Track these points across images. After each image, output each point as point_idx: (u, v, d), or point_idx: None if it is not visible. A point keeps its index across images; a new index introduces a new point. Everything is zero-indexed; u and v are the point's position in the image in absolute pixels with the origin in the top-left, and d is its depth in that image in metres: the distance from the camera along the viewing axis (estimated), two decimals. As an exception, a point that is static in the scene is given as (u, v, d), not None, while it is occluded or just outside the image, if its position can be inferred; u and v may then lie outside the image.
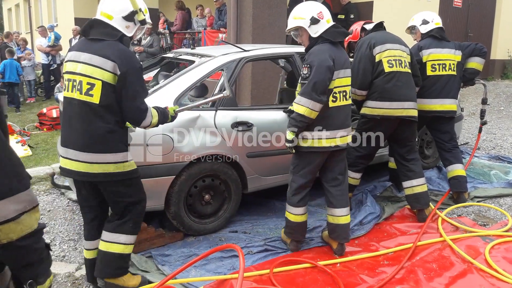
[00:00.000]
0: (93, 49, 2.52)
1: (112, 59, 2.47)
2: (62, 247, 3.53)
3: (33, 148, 6.45)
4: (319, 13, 3.13)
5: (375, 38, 3.76)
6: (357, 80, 3.69)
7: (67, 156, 2.59)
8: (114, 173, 2.58)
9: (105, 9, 2.59)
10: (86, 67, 2.50)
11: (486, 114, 5.14)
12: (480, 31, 11.76)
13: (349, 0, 8.94)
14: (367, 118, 3.80)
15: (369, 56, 3.70)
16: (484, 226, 3.90)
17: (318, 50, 3.09)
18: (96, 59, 2.49)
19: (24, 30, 21.07)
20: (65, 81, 2.62)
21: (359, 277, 3.04)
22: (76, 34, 11.58)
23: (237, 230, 3.74)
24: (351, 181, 3.98)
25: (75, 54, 2.58)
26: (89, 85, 2.49)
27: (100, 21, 2.59)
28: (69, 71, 2.59)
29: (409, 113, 3.73)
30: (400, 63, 3.71)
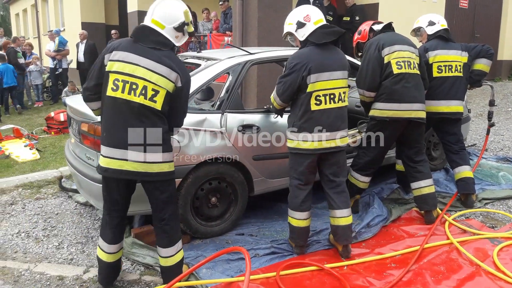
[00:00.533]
0: (155, 56, 2.58)
1: (176, 70, 2.60)
2: (70, 250, 3.55)
3: (41, 151, 6.50)
4: (305, 16, 3.20)
5: (384, 39, 3.74)
6: (365, 82, 3.70)
7: (123, 157, 2.60)
8: (168, 172, 2.73)
9: (157, 18, 2.65)
10: (151, 74, 2.56)
11: (493, 116, 5.10)
12: (487, 31, 11.70)
13: (354, 2, 8.93)
14: (376, 120, 3.79)
15: (377, 57, 3.68)
16: (493, 228, 3.87)
17: (297, 55, 3.21)
18: (161, 68, 2.57)
19: (31, 35, 21.27)
20: (116, 81, 2.57)
21: (366, 279, 3.03)
22: (83, 39, 11.72)
23: (243, 233, 3.74)
24: (360, 185, 3.99)
25: (132, 57, 2.58)
26: (153, 92, 2.57)
27: (152, 29, 2.64)
28: (124, 73, 2.57)
29: (418, 115, 3.72)
30: (409, 64, 3.70)
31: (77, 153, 3.72)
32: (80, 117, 3.52)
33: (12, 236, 3.80)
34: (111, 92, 2.60)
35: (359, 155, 3.98)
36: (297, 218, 3.31)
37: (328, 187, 3.34)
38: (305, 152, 3.22)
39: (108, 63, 2.62)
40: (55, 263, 3.35)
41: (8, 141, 6.87)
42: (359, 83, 3.79)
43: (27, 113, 10.19)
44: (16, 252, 3.52)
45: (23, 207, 4.43)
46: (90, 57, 11.70)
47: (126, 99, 2.57)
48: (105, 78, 2.63)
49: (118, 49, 2.62)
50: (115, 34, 11.79)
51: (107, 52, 2.64)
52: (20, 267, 3.27)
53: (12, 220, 4.13)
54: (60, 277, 3.14)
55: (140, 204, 3.20)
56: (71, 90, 9.29)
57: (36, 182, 5.10)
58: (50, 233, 3.86)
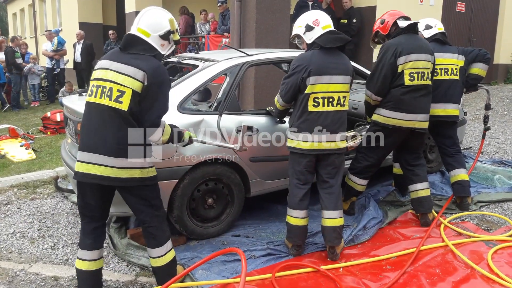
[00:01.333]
0: (125, 59, 2.60)
1: (144, 69, 2.55)
2: (65, 250, 3.54)
3: (37, 151, 6.48)
4: (314, 20, 3.31)
5: (402, 46, 3.63)
6: (375, 86, 3.68)
7: (90, 161, 2.56)
8: (139, 178, 2.63)
9: (142, 26, 2.68)
10: (118, 75, 2.56)
11: (489, 120, 5.13)
12: (484, 35, 11.77)
13: (352, 5, 8.96)
14: (379, 126, 3.78)
15: (392, 65, 3.62)
16: (488, 231, 3.89)
17: (300, 57, 3.30)
18: (128, 69, 2.55)
19: (28, 34, 21.22)
20: (92, 87, 2.63)
21: (362, 281, 3.03)
22: (80, 39, 11.70)
23: (239, 234, 3.74)
24: (358, 188, 4.01)
25: (107, 63, 2.64)
26: (119, 92, 2.54)
27: (138, 38, 2.66)
28: (98, 78, 2.62)
29: (421, 125, 3.75)
30: (423, 75, 3.66)
31: (73, 154, 3.71)
32: (77, 117, 3.51)
33: (7, 236, 3.79)
34: (88, 97, 2.66)
35: (358, 158, 3.98)
36: (295, 216, 3.34)
37: (321, 187, 3.39)
38: (302, 152, 3.30)
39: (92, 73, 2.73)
40: (50, 264, 3.34)
41: (3, 141, 6.84)
42: (369, 85, 3.76)
43: (23, 113, 10.16)
44: (11, 253, 3.51)
45: (18, 207, 4.41)
46: (87, 57, 11.69)
47: (97, 103, 2.59)
48: None
49: (104, 58, 2.71)
50: (113, 34, 11.78)
51: None
52: (15, 268, 3.26)
53: (7, 220, 4.11)
54: (55, 278, 3.13)
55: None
56: (68, 90, 9.27)
57: (31, 182, 5.08)
58: (46, 233, 3.85)
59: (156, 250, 2.79)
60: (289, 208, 3.39)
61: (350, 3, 8.94)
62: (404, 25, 3.77)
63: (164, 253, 2.81)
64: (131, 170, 2.59)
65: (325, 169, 3.34)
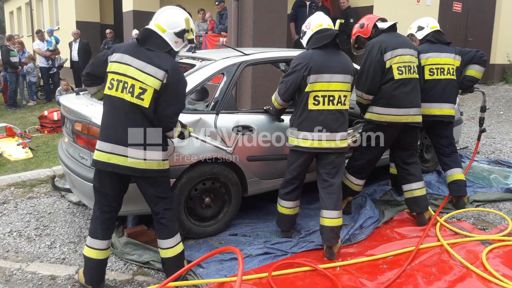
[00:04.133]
0: (146, 57, 2.73)
1: (164, 69, 2.71)
2: (62, 249, 3.54)
3: (34, 150, 6.46)
4: (307, 25, 3.47)
5: (386, 42, 3.69)
6: (365, 85, 3.71)
7: (112, 151, 2.72)
8: (157, 170, 2.82)
9: (159, 22, 2.83)
10: (139, 73, 2.71)
11: (485, 121, 5.14)
12: (480, 35, 11.81)
13: (349, 5, 8.98)
14: (374, 124, 3.80)
15: (379, 61, 3.66)
16: (484, 230, 3.91)
17: (300, 56, 3.38)
18: (149, 68, 2.70)
19: (25, 33, 21.15)
20: (112, 80, 2.75)
21: (359, 280, 3.05)
22: (77, 38, 11.67)
23: (237, 233, 3.75)
24: (355, 188, 4.02)
25: (126, 58, 2.74)
26: (141, 90, 2.70)
27: (154, 32, 2.82)
28: (119, 72, 2.73)
29: (415, 119, 3.77)
30: (409, 69, 3.71)
31: (70, 153, 3.71)
32: (74, 117, 3.52)
33: (3, 235, 3.78)
34: (108, 90, 2.78)
35: (355, 157, 4.00)
36: (282, 205, 3.59)
37: (321, 186, 3.41)
38: (300, 150, 3.35)
39: (109, 63, 2.81)
40: (47, 263, 3.34)
41: (0, 140, 6.83)
42: (358, 85, 3.78)
43: (20, 112, 10.14)
44: (7, 252, 3.51)
45: (15, 206, 4.41)
46: (84, 56, 11.66)
47: (119, 97, 2.72)
48: (106, 78, 2.82)
49: (118, 51, 2.80)
50: (110, 33, 11.76)
51: (110, 54, 2.83)
52: (12, 267, 3.26)
53: (4, 219, 4.11)
54: (52, 277, 3.13)
55: (133, 204, 3.21)
56: (65, 89, 9.25)
57: (28, 181, 5.08)
58: (43, 232, 3.85)
59: (167, 241, 2.93)
60: (279, 197, 3.61)
61: (347, 3, 8.95)
62: (385, 26, 3.86)
63: (174, 244, 2.95)
64: (149, 162, 2.77)
65: (325, 168, 3.37)
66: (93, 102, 3.64)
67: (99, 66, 2.90)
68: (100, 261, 2.89)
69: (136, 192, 3.03)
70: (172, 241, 2.94)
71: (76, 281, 3.07)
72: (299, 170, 3.45)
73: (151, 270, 3.23)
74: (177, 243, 2.97)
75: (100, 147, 2.75)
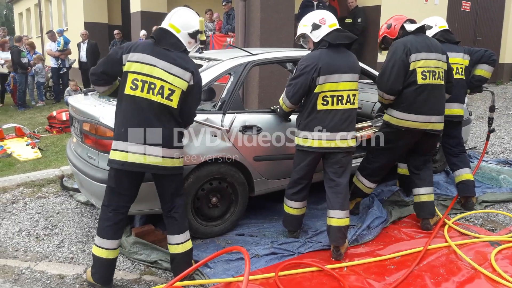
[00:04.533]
0: (170, 58, 2.79)
1: (190, 70, 2.83)
2: (70, 249, 3.57)
3: (42, 150, 6.52)
4: (321, 19, 3.34)
5: (412, 44, 3.55)
6: (387, 85, 3.58)
7: (139, 151, 2.76)
8: (179, 167, 2.94)
9: (174, 22, 2.89)
10: (167, 74, 2.77)
11: (494, 120, 5.10)
12: (489, 35, 11.71)
13: (356, 4, 8.95)
14: (392, 128, 3.71)
15: (404, 62, 3.53)
16: (492, 231, 3.88)
17: (308, 57, 3.31)
18: (176, 69, 2.79)
19: (34, 34, 21.33)
20: (135, 81, 2.75)
21: (366, 281, 3.03)
22: (85, 39, 11.75)
23: (244, 233, 3.75)
24: (366, 190, 3.98)
25: (149, 58, 2.77)
26: (169, 91, 2.78)
27: (170, 32, 2.88)
28: (143, 73, 2.76)
29: (435, 127, 3.66)
30: (434, 74, 3.57)
31: (78, 153, 3.73)
32: (82, 117, 3.54)
33: (13, 234, 3.82)
34: (130, 90, 2.77)
35: (369, 159, 3.93)
36: (288, 205, 3.57)
37: (327, 186, 3.40)
38: (309, 150, 3.35)
39: (126, 63, 2.80)
40: (56, 262, 3.37)
41: (10, 140, 6.89)
42: (380, 84, 3.65)
43: (29, 112, 10.22)
44: (17, 251, 3.54)
45: (24, 205, 4.45)
46: (92, 56, 11.74)
47: (145, 98, 2.76)
48: (123, 77, 2.82)
49: (136, 51, 2.80)
50: (118, 34, 11.83)
51: (125, 52, 2.81)
52: (21, 266, 3.29)
53: (13, 218, 4.15)
54: (61, 276, 3.15)
55: (141, 204, 3.22)
56: (74, 89, 9.31)
57: (37, 181, 5.12)
58: (51, 232, 3.88)
59: (178, 236, 2.98)
60: (285, 197, 3.59)
61: (355, 3, 8.93)
62: (412, 28, 3.70)
63: (184, 240, 3.00)
64: (174, 159, 2.87)
65: (332, 167, 3.36)
66: (101, 103, 3.67)
67: (113, 65, 2.86)
68: (110, 261, 2.90)
69: (144, 192, 3.05)
70: (182, 237, 2.99)
71: (84, 280, 3.09)
72: (306, 170, 3.44)
73: (159, 269, 3.24)
74: (187, 240, 3.01)
75: (122, 148, 2.77)
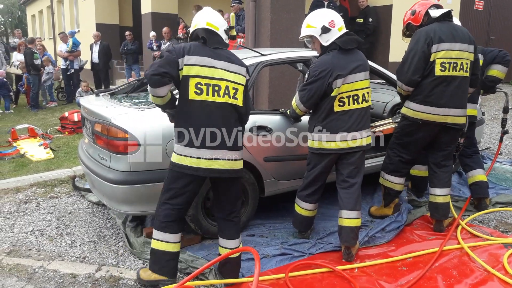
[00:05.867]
0: (223, 56, 2.81)
1: (244, 65, 2.89)
2: (82, 248, 3.60)
3: (55, 151, 6.59)
4: (330, 22, 3.24)
5: (436, 33, 3.41)
6: (406, 76, 3.47)
7: (212, 157, 2.76)
8: (242, 169, 2.98)
9: (211, 21, 2.90)
10: (228, 73, 2.78)
11: (508, 121, 5.02)
12: (502, 34, 11.56)
13: (367, 4, 8.90)
14: (409, 120, 3.63)
15: (425, 52, 3.40)
16: (506, 233, 3.82)
17: (321, 62, 3.25)
18: (234, 67, 2.82)
19: (47, 36, 21.57)
20: (199, 85, 2.70)
21: (377, 282, 3.01)
22: (97, 40, 11.86)
23: (254, 234, 3.74)
24: (397, 187, 3.88)
25: (208, 60, 2.75)
26: (234, 90, 2.81)
27: (214, 31, 2.88)
28: (203, 76, 2.72)
29: (454, 120, 3.52)
30: (455, 66, 3.42)
31: (90, 153, 3.76)
32: (94, 118, 3.57)
33: (26, 234, 3.86)
34: (195, 96, 2.72)
35: (390, 156, 3.85)
36: (301, 206, 3.56)
37: (340, 187, 3.36)
38: (325, 152, 3.32)
39: (183, 67, 2.71)
40: (68, 261, 3.40)
41: (23, 140, 6.98)
42: (400, 74, 3.55)
43: (42, 113, 10.35)
44: (30, 250, 3.58)
45: (37, 205, 4.50)
46: (104, 57, 11.84)
47: (213, 101, 2.74)
48: (183, 83, 2.72)
49: (191, 54, 2.73)
50: (129, 35, 11.91)
51: (180, 56, 2.70)
52: (34, 265, 3.33)
53: (26, 218, 4.19)
54: (73, 275, 3.18)
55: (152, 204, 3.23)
56: (85, 90, 9.40)
57: (50, 181, 5.17)
58: (63, 231, 3.91)
59: (235, 241, 3.00)
60: (298, 198, 3.57)
61: (366, 2, 8.88)
62: (437, 14, 3.54)
63: (239, 244, 3.04)
64: (240, 161, 2.91)
65: (347, 168, 3.32)
66: (112, 104, 3.69)
67: (172, 67, 2.68)
68: (176, 253, 2.94)
69: (155, 192, 3.06)
70: (238, 241, 3.01)
71: (96, 279, 3.11)
72: (322, 172, 3.39)
73: (169, 269, 3.25)
74: (240, 244, 3.04)
75: (194, 154, 2.74)
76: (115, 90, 4.47)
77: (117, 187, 3.25)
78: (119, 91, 4.43)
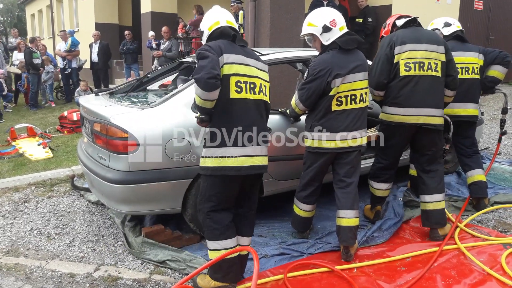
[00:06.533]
0: (250, 54, 2.86)
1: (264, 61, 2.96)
2: (81, 248, 3.59)
3: (54, 150, 6.58)
4: (331, 21, 3.23)
5: (398, 37, 3.53)
6: (373, 80, 3.55)
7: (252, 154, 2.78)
8: None
9: (229, 19, 2.95)
10: (258, 71, 2.85)
11: (506, 122, 5.02)
12: (502, 34, 11.58)
13: (367, 4, 8.90)
14: (384, 125, 3.67)
15: (388, 56, 3.51)
16: (505, 232, 3.82)
17: (320, 61, 3.24)
18: (261, 64, 2.91)
19: (46, 35, 21.55)
20: (238, 83, 2.70)
21: (376, 282, 3.01)
22: (97, 39, 11.84)
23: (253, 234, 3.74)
24: (377, 193, 3.87)
25: (242, 58, 2.78)
26: (264, 87, 2.89)
27: (235, 29, 2.91)
28: (240, 74, 2.73)
29: (427, 121, 3.48)
30: (422, 65, 3.44)
31: (89, 153, 3.76)
32: (93, 117, 3.56)
33: (24, 233, 3.86)
34: (236, 94, 2.70)
35: (374, 161, 3.89)
36: (299, 208, 3.56)
37: (337, 187, 3.37)
38: (321, 151, 3.31)
39: (224, 65, 2.67)
40: (67, 261, 3.39)
41: (22, 140, 6.98)
42: (369, 80, 3.55)
43: (41, 112, 10.34)
44: (28, 249, 3.57)
45: (35, 205, 4.49)
46: (103, 57, 11.83)
47: (251, 98, 2.77)
48: (224, 81, 2.66)
49: (227, 52, 2.71)
50: (129, 34, 11.90)
51: (219, 55, 2.66)
52: (32, 264, 3.32)
53: (24, 217, 4.19)
54: (71, 275, 3.18)
55: (151, 203, 3.24)
56: (84, 90, 9.39)
57: (48, 180, 5.17)
58: (62, 231, 3.91)
59: (249, 239, 3.02)
60: (296, 199, 3.57)
61: (366, 2, 8.88)
62: (402, 22, 3.73)
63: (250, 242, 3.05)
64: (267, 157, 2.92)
65: (344, 168, 3.33)
66: (111, 103, 3.69)
67: (219, 67, 2.64)
68: (240, 257, 2.92)
69: (154, 192, 3.06)
70: (250, 240, 3.03)
71: (94, 279, 3.10)
72: (319, 171, 3.40)
73: (168, 269, 3.25)
74: None
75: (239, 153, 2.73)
76: (115, 89, 4.46)
77: (116, 187, 3.25)
78: (118, 91, 4.43)
